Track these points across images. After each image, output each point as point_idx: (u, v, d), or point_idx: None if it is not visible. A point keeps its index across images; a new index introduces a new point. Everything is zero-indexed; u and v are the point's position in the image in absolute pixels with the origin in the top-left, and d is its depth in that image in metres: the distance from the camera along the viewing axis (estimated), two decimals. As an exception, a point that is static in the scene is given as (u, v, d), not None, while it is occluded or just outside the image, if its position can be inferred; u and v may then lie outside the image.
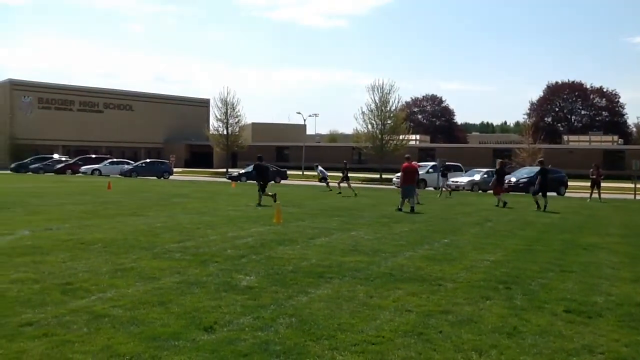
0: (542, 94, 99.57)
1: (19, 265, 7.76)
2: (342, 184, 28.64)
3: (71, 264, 7.98)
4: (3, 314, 5.43)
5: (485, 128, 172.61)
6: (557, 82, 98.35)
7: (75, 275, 7.24)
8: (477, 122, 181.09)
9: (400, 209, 17.70)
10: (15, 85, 67.66)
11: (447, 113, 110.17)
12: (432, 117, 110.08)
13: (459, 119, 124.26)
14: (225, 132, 59.79)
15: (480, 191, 32.18)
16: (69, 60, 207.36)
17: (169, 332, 5.01)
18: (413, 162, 19.12)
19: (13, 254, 8.63)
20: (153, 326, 5.19)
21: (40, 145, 64.29)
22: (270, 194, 19.56)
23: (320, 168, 32.73)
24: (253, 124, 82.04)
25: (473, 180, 34.35)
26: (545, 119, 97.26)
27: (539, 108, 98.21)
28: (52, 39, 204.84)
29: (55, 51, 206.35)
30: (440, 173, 30.26)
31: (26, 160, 52.80)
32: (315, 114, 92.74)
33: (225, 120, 59.85)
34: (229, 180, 39.95)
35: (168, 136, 79.95)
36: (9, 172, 50.18)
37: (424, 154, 62.94)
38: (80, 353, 4.49)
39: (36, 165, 50.59)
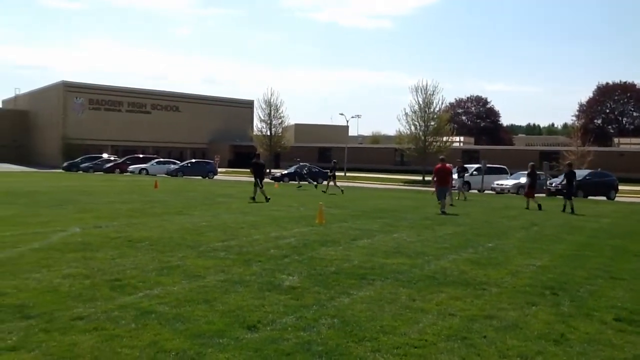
0: (591, 95, 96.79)
1: (71, 261, 8.03)
2: (330, 183, 29.63)
3: (120, 261, 8.21)
4: (56, 308, 5.63)
5: (532, 130, 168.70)
6: (607, 83, 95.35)
7: (124, 272, 7.45)
8: (524, 123, 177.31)
9: (443, 212, 17.58)
10: (68, 87, 70.02)
11: (492, 114, 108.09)
12: (477, 118, 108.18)
13: (505, 120, 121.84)
14: (268, 133, 60.39)
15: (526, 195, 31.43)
16: (118, 63, 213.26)
17: (213, 330, 5.10)
18: (447, 164, 18.98)
19: (65, 250, 8.95)
20: (198, 323, 5.30)
21: (91, 145, 66.42)
22: (261, 190, 20.71)
23: (307, 166, 34.89)
24: (296, 125, 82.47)
25: (519, 183, 33.64)
26: (595, 120, 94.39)
27: (588, 110, 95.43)
28: (103, 42, 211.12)
29: (106, 54, 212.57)
30: (457, 174, 29.95)
31: (77, 160, 54.58)
32: (358, 115, 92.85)
33: (268, 121, 60.45)
34: (272, 181, 40.30)
35: (213, 137, 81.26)
36: (61, 171, 51.98)
37: (468, 156, 62.02)
38: (128, 348, 4.61)
39: (86, 164, 52.26)
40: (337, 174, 30.87)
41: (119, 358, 4.40)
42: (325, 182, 30.57)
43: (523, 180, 33.38)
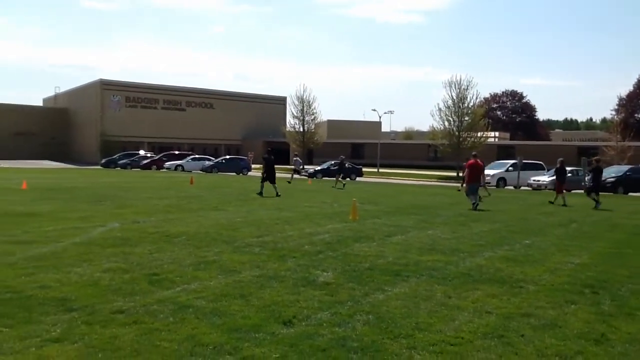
0: (632, 88, 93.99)
1: (110, 256, 8.22)
2: (339, 179, 30.05)
3: (157, 255, 8.37)
4: (97, 301, 5.78)
5: (569, 125, 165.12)
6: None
7: (161, 266, 7.59)
8: (561, 118, 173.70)
9: (475, 207, 17.63)
10: (105, 85, 71.45)
11: (528, 109, 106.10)
12: (512, 113, 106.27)
13: (541, 115, 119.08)
14: (301, 129, 60.57)
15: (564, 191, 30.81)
16: (154, 61, 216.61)
17: (249, 324, 5.16)
18: (479, 161, 18.94)
19: (105, 244, 9.16)
20: (234, 318, 5.36)
21: (128, 142, 67.68)
22: (274, 186, 21.47)
23: (296, 159, 35.16)
24: (329, 121, 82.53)
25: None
26: (636, 115, 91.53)
27: (628, 103, 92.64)
28: (139, 41, 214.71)
29: (142, 52, 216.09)
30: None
31: (115, 156, 55.66)
32: (391, 111, 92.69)
33: (301, 118, 60.63)
34: (306, 177, 40.40)
35: (246, 133, 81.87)
36: (99, 167, 53.13)
37: (503, 152, 61.04)
38: (167, 341, 4.70)
39: (124, 161, 53.26)
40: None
41: (158, 351, 4.48)
42: (346, 178, 31.03)
43: (560, 176, 32.81)
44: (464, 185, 19.00)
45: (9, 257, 7.96)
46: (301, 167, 35.42)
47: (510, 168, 36.58)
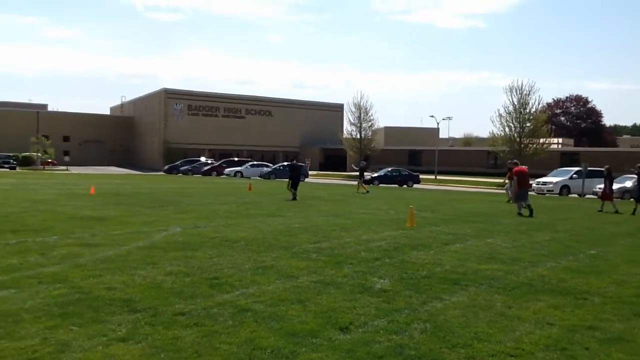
0: None
1: (172, 259, 8.48)
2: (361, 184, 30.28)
3: (217, 260, 8.56)
4: (160, 303, 5.98)
5: (639, 130, 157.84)
6: None
7: (221, 270, 7.77)
8: (629, 123, 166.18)
9: (520, 213, 17.86)
10: (169, 94, 73.79)
11: (594, 114, 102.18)
12: (577, 119, 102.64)
13: (608, 120, 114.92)
14: (358, 136, 60.60)
15: (632, 199, 29.50)
16: (215, 70, 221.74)
17: (307, 330, 5.22)
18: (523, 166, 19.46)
19: (168, 248, 9.46)
20: (292, 323, 5.43)
21: (189, 149, 69.65)
22: (293, 191, 22.42)
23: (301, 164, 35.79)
24: (386, 127, 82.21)
25: (624, 187, 31.60)
26: None
27: None
28: (201, 50, 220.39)
29: (203, 61, 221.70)
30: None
31: (177, 163, 57.36)
32: (449, 117, 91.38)
33: (358, 125, 60.70)
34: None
35: (304, 140, 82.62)
36: (162, 173, 54.81)
37: (567, 158, 59.04)
38: (226, 344, 4.82)
39: (186, 167, 54.80)
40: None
41: (218, 353, 4.60)
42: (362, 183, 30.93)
43: (628, 184, 31.45)
44: (513, 191, 19.26)
45: (79, 259, 8.35)
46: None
47: (575, 175, 35.37)
